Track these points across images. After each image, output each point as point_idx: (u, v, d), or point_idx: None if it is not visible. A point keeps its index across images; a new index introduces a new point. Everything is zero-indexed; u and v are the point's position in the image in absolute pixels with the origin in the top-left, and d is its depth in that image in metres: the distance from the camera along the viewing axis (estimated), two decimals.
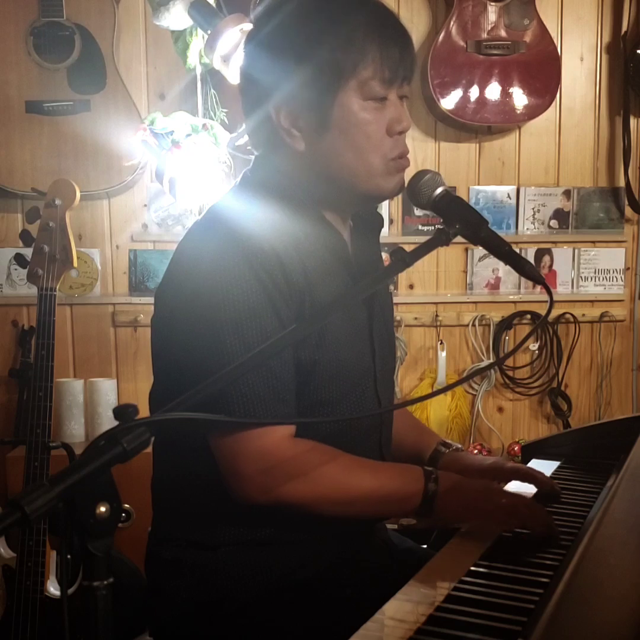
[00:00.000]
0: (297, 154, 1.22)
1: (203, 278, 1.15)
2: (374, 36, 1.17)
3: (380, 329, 1.33)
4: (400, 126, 1.22)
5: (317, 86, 1.17)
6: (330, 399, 1.22)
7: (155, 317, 1.28)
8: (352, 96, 1.18)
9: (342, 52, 1.16)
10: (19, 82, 2.59)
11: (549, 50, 2.78)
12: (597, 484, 1.39)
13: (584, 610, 0.80)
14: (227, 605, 1.20)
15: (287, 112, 1.19)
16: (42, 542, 1.95)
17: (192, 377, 1.10)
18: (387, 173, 1.23)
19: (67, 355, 2.76)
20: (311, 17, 1.18)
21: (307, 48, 1.17)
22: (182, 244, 1.26)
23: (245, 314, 1.13)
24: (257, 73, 1.23)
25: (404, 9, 2.84)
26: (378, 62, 1.17)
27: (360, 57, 1.16)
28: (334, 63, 1.16)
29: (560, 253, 2.97)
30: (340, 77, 1.16)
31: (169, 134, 2.21)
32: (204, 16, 2.16)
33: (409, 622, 0.87)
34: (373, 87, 1.18)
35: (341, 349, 1.21)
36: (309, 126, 1.20)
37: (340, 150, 1.20)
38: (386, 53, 1.17)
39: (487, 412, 2.97)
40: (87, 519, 0.78)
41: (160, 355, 1.28)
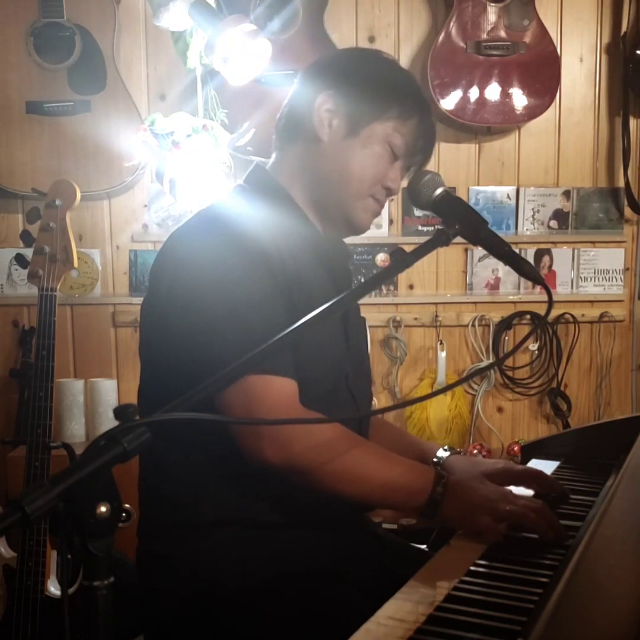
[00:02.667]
0: (311, 146, 1.35)
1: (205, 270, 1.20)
2: (419, 111, 1.36)
3: (354, 328, 1.40)
4: (392, 185, 1.36)
5: (366, 106, 1.33)
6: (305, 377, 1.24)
7: (149, 317, 1.30)
8: (383, 131, 1.33)
9: (396, 97, 1.34)
10: (19, 83, 2.59)
11: (549, 51, 2.78)
12: (597, 484, 1.39)
13: (584, 610, 0.80)
14: (218, 596, 1.20)
15: (328, 108, 1.34)
16: (43, 542, 1.95)
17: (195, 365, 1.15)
18: (365, 206, 1.36)
19: (67, 356, 2.76)
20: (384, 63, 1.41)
21: (373, 77, 1.36)
22: (176, 242, 1.29)
23: (250, 301, 1.19)
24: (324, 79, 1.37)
25: (404, 10, 2.84)
26: (413, 130, 1.35)
27: (404, 113, 1.34)
28: (385, 99, 1.33)
29: (559, 253, 2.97)
30: (385, 111, 1.33)
31: (169, 134, 2.21)
32: (205, 17, 2.16)
33: (408, 621, 0.87)
34: (398, 141, 1.34)
35: (318, 334, 1.25)
36: (339, 127, 1.34)
37: (350, 159, 1.33)
38: (421, 132, 1.36)
39: (486, 412, 2.97)
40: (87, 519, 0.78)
41: (154, 353, 1.30)
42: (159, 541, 1.28)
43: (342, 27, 2.82)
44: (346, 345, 1.35)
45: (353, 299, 1.25)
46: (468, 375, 2.95)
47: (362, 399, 1.37)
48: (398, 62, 1.48)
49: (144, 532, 1.33)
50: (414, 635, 0.84)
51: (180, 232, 1.31)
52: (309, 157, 1.36)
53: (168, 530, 1.27)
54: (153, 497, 1.32)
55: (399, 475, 1.20)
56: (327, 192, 1.35)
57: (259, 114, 2.57)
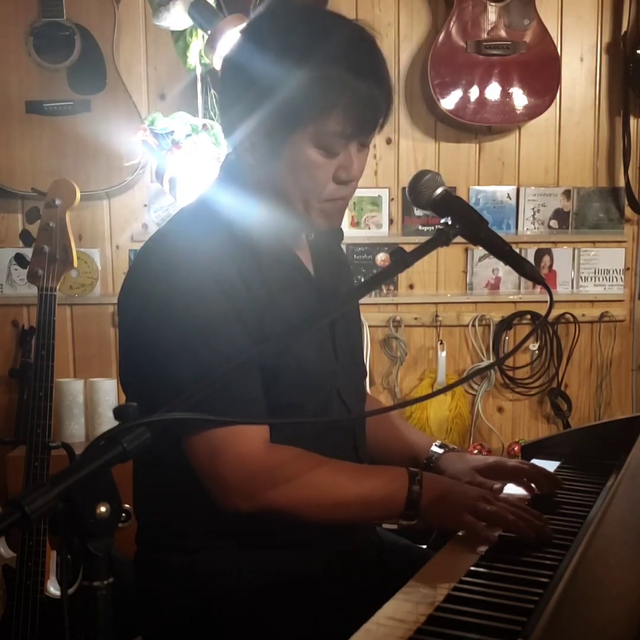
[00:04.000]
0: (248, 167, 1.23)
1: (166, 294, 1.16)
2: (347, 86, 1.13)
3: (343, 334, 1.34)
4: (347, 175, 1.21)
5: (275, 121, 1.16)
6: (296, 402, 1.22)
7: (121, 331, 1.28)
8: (306, 139, 1.16)
9: (308, 97, 1.13)
10: (19, 83, 2.58)
11: (549, 51, 2.78)
12: (597, 484, 1.39)
13: (584, 610, 0.80)
14: (215, 607, 1.20)
15: (248, 129, 1.18)
16: (42, 542, 1.95)
17: (164, 389, 1.13)
18: (321, 214, 1.22)
19: (67, 355, 2.76)
20: (288, 50, 1.14)
21: (276, 82, 1.14)
22: (146, 253, 1.26)
23: (213, 325, 1.14)
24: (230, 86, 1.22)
25: (404, 10, 2.84)
26: (342, 117, 1.14)
27: (324, 109, 1.14)
28: (294, 105, 1.14)
29: (560, 253, 2.97)
30: (298, 120, 1.15)
31: (169, 134, 2.21)
32: (204, 16, 2.16)
33: (408, 622, 0.87)
34: (329, 140, 1.17)
35: (304, 353, 1.22)
36: (262, 149, 1.20)
37: (283, 181, 1.20)
38: (356, 107, 1.14)
39: (487, 412, 2.97)
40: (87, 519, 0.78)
41: (128, 370, 1.28)
42: (156, 549, 1.28)
43: None
44: (334, 354, 1.31)
45: (353, 299, 1.26)
46: (468, 375, 2.95)
47: (354, 405, 1.35)
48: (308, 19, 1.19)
49: (142, 540, 1.33)
50: (414, 636, 0.84)
51: (146, 245, 1.28)
52: (252, 176, 1.24)
53: (164, 538, 1.26)
54: (148, 506, 1.31)
55: (376, 490, 1.19)
56: (282, 208, 1.23)
57: None
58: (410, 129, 2.88)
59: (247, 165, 1.24)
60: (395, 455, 1.44)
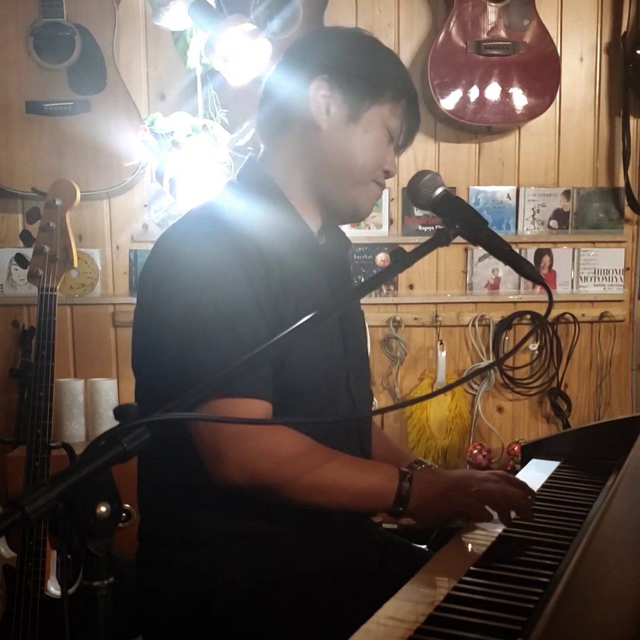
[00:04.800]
0: (308, 135, 1.30)
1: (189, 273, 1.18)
2: (406, 93, 1.36)
3: (352, 330, 1.37)
4: (391, 167, 1.35)
5: (363, 89, 1.30)
6: (304, 388, 1.24)
7: (140, 330, 1.29)
8: (381, 114, 1.31)
9: (388, 80, 1.32)
10: (19, 83, 2.58)
11: (549, 51, 2.78)
12: (597, 484, 1.39)
13: (584, 610, 0.80)
14: (218, 603, 1.20)
15: (323, 94, 1.29)
16: (43, 542, 1.95)
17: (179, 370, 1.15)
18: (368, 192, 1.34)
19: (67, 356, 2.76)
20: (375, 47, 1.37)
21: (364, 61, 1.32)
22: (168, 240, 1.27)
23: (234, 311, 1.16)
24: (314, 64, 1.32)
25: (404, 9, 2.84)
26: (404, 113, 1.34)
27: (396, 96, 1.32)
28: (380, 82, 1.31)
29: (560, 253, 2.97)
30: (381, 94, 1.31)
31: (169, 134, 2.21)
32: (205, 16, 2.16)
33: (408, 621, 0.87)
34: (394, 124, 1.33)
35: (314, 341, 1.24)
36: (338, 114, 1.30)
37: (352, 145, 1.30)
38: (410, 114, 1.36)
39: (486, 412, 2.97)
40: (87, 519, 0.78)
41: (146, 369, 1.29)
42: (158, 547, 1.28)
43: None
44: (344, 348, 1.33)
45: (353, 298, 1.26)
46: (468, 375, 2.95)
47: (362, 401, 1.37)
48: (378, 40, 1.40)
49: (144, 538, 1.33)
50: (414, 635, 0.84)
51: (165, 235, 1.29)
52: (307, 147, 1.31)
53: (166, 537, 1.27)
54: (151, 505, 1.32)
55: (367, 480, 1.21)
56: (329, 181, 1.31)
57: None
58: None
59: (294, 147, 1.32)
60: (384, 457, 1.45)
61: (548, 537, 1.14)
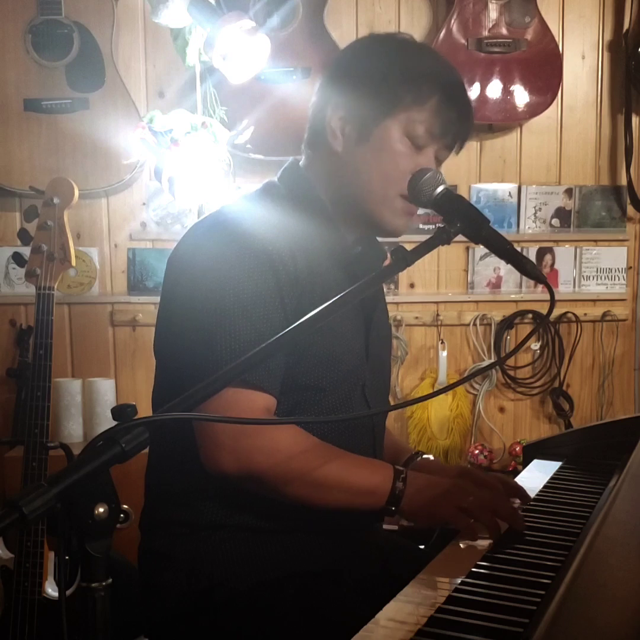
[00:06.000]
0: (331, 157, 1.30)
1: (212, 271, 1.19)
2: (440, 88, 1.26)
3: (377, 337, 1.37)
4: None
5: (373, 104, 1.26)
6: (319, 385, 1.24)
7: (162, 314, 1.31)
8: (397, 125, 1.26)
9: (406, 85, 1.26)
10: (17, 80, 2.58)
11: (551, 48, 2.77)
12: (599, 485, 1.39)
13: (586, 612, 0.80)
14: (220, 594, 1.20)
15: (340, 116, 1.29)
16: (40, 543, 1.94)
17: (201, 366, 1.16)
18: (394, 209, 1.30)
19: (65, 355, 2.76)
20: (391, 50, 1.32)
21: (376, 71, 1.28)
22: (189, 240, 1.29)
23: (253, 301, 1.18)
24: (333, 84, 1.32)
25: (405, 7, 2.83)
26: (433, 113, 1.26)
27: (420, 99, 1.26)
28: (393, 91, 1.26)
29: (561, 252, 2.96)
30: (395, 105, 1.26)
31: (168, 132, 2.20)
32: (204, 14, 2.15)
33: (409, 623, 0.86)
34: (417, 131, 1.26)
35: (335, 340, 1.25)
36: (351, 134, 1.29)
37: (368, 165, 1.28)
38: (445, 110, 1.26)
39: (488, 412, 2.96)
40: (85, 520, 0.78)
41: (165, 353, 1.31)
42: (160, 538, 1.28)
43: (342, 23, 2.80)
44: (365, 353, 1.33)
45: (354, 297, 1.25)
46: (469, 375, 2.95)
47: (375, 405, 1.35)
48: (410, 40, 1.36)
49: (145, 527, 1.33)
50: (415, 637, 0.84)
51: (193, 229, 1.31)
52: (330, 167, 1.32)
53: (168, 527, 1.27)
54: (155, 493, 1.32)
55: (361, 479, 1.21)
56: (353, 201, 1.31)
57: (258, 111, 2.57)
58: None
59: (321, 157, 1.32)
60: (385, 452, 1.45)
61: (550, 538, 1.13)
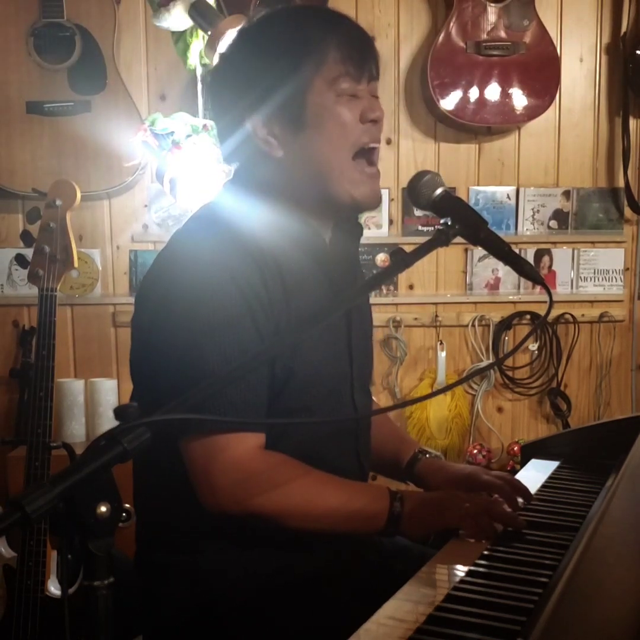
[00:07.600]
0: (276, 162, 1.24)
1: (184, 288, 1.16)
2: (328, 35, 1.21)
3: (359, 337, 1.35)
4: (373, 114, 1.23)
5: (285, 90, 1.20)
6: (305, 406, 1.23)
7: (135, 322, 1.29)
8: (324, 93, 1.21)
9: (301, 55, 1.19)
10: (19, 83, 2.58)
11: (549, 51, 2.78)
12: (597, 484, 1.39)
13: (584, 610, 0.80)
14: (219, 608, 1.20)
15: (262, 122, 1.22)
16: (43, 542, 1.95)
17: (168, 385, 1.14)
18: (355, 176, 1.24)
19: (67, 356, 2.76)
20: (272, 32, 1.24)
21: (269, 58, 1.21)
22: (166, 251, 1.26)
23: (224, 325, 1.14)
24: (228, 90, 1.26)
25: (404, 10, 2.84)
26: (340, 61, 1.20)
27: (320, 58, 1.20)
28: (295, 67, 1.19)
29: (559, 253, 2.97)
30: (305, 78, 1.20)
31: (169, 134, 2.21)
32: (205, 17, 2.16)
33: (408, 621, 0.87)
34: (341, 84, 1.21)
35: (317, 357, 1.23)
36: (284, 130, 1.22)
37: (315, 147, 1.22)
38: (347, 53, 1.21)
39: (486, 412, 2.97)
40: (87, 519, 0.78)
41: (138, 362, 1.29)
42: (157, 550, 1.28)
43: None
44: (349, 362, 1.31)
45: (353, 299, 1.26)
46: (468, 376, 2.95)
47: (363, 408, 1.36)
48: (273, 14, 1.27)
49: (142, 540, 1.33)
50: (414, 635, 0.84)
51: (170, 241, 1.27)
52: (279, 173, 1.24)
53: (165, 539, 1.26)
54: (149, 507, 1.31)
55: (358, 504, 1.20)
56: (316, 191, 1.24)
57: None
58: (410, 130, 2.88)
59: (265, 167, 1.25)
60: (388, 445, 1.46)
61: (548, 536, 1.13)
